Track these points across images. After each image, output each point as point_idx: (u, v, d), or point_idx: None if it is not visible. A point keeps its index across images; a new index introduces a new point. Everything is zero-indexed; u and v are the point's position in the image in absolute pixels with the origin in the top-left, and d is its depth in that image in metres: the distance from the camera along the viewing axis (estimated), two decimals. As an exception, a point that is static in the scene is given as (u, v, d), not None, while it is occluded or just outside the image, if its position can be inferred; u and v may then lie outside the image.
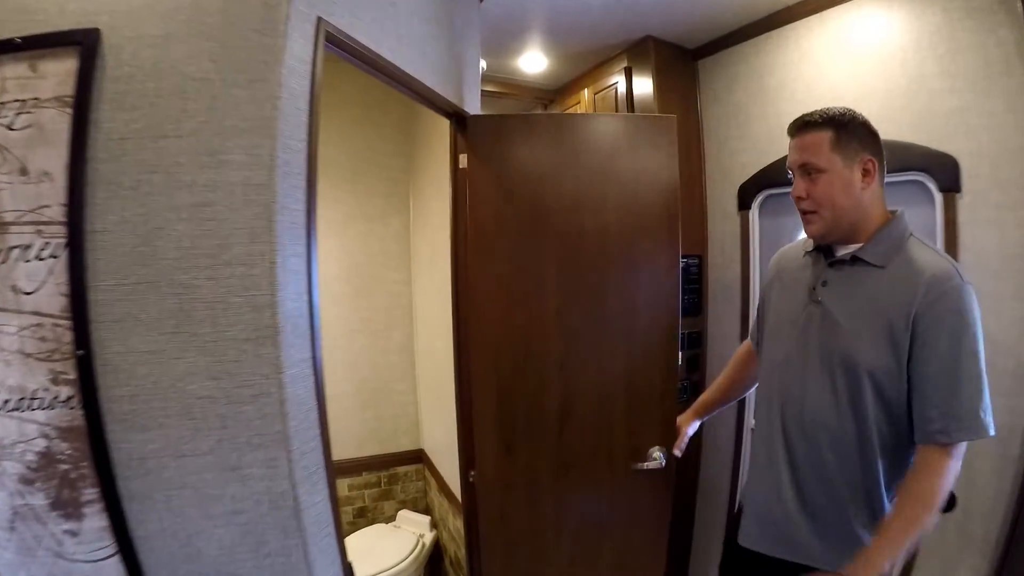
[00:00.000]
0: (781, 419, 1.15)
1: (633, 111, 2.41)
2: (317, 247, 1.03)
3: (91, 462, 0.97)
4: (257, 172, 0.88)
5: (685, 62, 2.41)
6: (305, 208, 0.96)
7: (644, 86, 2.34)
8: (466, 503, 1.84)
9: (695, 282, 2.41)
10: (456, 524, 2.17)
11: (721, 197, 2.33)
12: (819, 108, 1.07)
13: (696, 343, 2.41)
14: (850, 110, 1.06)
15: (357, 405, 2.73)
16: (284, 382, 0.91)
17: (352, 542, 2.69)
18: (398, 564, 2.46)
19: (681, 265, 2.35)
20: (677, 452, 1.63)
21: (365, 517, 2.92)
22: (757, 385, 1.31)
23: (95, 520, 1.00)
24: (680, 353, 2.33)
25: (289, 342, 0.92)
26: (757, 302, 1.44)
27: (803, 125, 1.07)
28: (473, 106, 1.88)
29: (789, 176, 1.12)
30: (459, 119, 1.75)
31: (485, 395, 1.76)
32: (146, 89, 0.91)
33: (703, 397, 1.63)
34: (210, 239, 0.89)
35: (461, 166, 1.76)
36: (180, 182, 0.89)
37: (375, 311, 2.66)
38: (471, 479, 1.77)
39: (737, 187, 2.22)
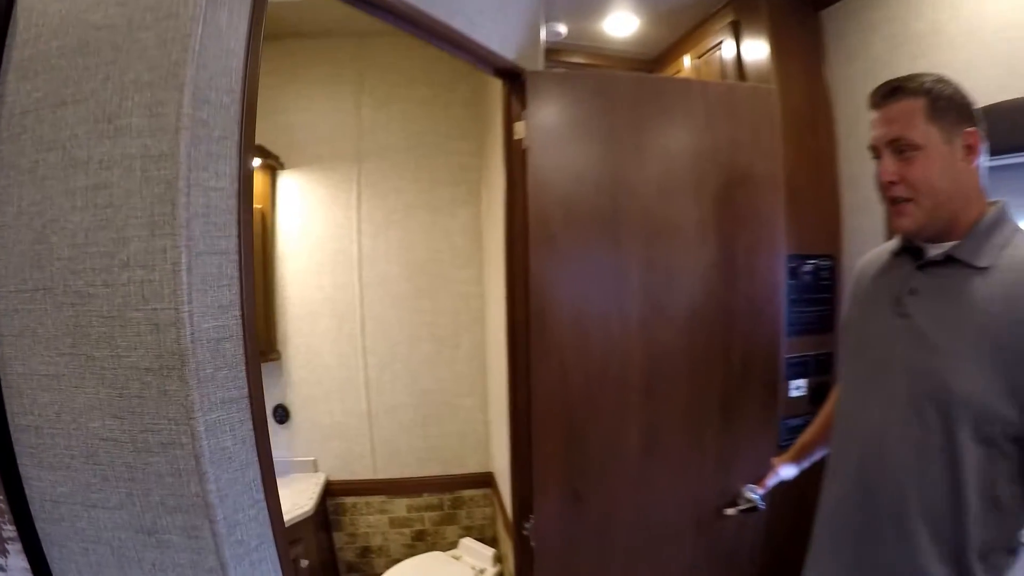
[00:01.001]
0: (856, 463, 0.98)
1: (743, 77, 1.99)
2: (247, 242, 0.79)
3: (5, 496, 0.85)
4: (158, 138, 0.67)
5: (806, 12, 1.95)
6: (236, 188, 0.74)
7: (756, 48, 1.92)
8: (519, 563, 1.57)
9: (826, 290, 1.95)
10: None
11: (859, 180, 1.86)
12: (908, 73, 0.92)
13: (825, 368, 1.95)
14: (943, 75, 0.91)
15: (419, 420, 2.56)
16: (198, 431, 0.69)
17: (404, 568, 2.55)
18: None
19: (808, 268, 1.93)
20: (758, 492, 1.49)
21: (424, 541, 2.76)
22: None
23: (19, 559, 0.88)
24: (804, 380, 1.92)
25: (206, 376, 0.70)
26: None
27: (890, 92, 0.91)
28: (533, 62, 1.59)
29: (873, 157, 0.95)
30: (513, 77, 1.47)
31: (548, 426, 1.47)
32: (50, 50, 0.73)
33: (802, 438, 1.37)
34: (106, 232, 0.69)
35: (517, 136, 1.48)
36: (76, 159, 0.70)
37: (440, 314, 2.47)
38: (524, 531, 1.50)
39: (882, 167, 1.75)
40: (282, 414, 2.60)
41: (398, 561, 2.81)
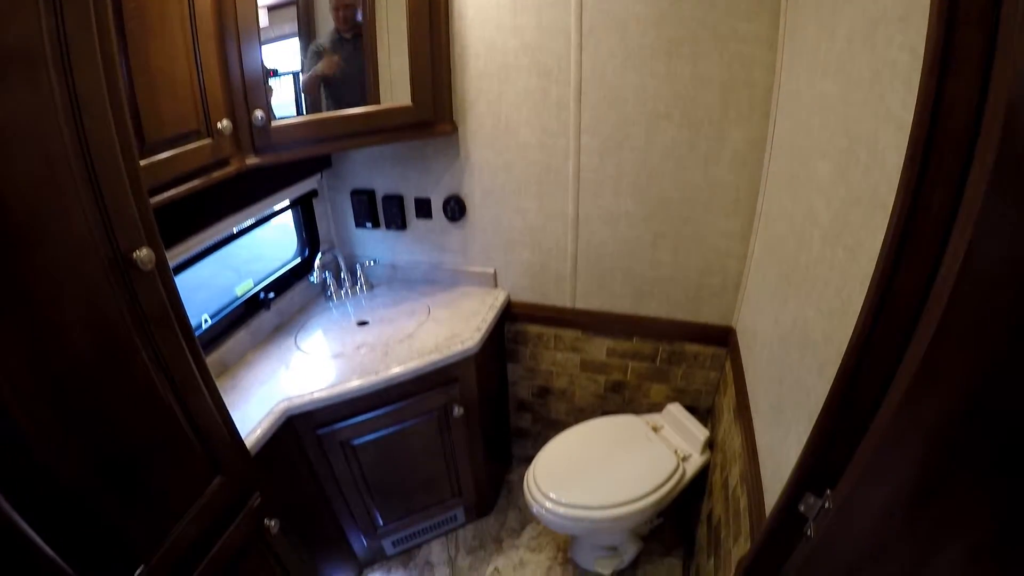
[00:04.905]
0: None
1: None
2: None
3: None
4: None
5: None
6: None
7: None
8: (763, 542, 1.15)
9: None
10: (742, 469, 1.52)
11: None
12: None
13: None
14: None
15: (646, 238, 2.10)
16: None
17: (584, 433, 2.27)
18: (626, 504, 1.96)
19: None
20: None
21: (620, 395, 2.49)
22: None
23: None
24: None
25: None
26: None
27: None
28: None
29: None
30: None
31: (937, 372, 0.82)
32: None
33: None
34: None
35: None
36: None
37: (703, 86, 1.85)
38: (801, 509, 1.02)
39: None
40: (455, 209, 2.27)
41: (581, 411, 2.63)
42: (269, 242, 2.48)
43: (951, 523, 0.75)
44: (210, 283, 2.07)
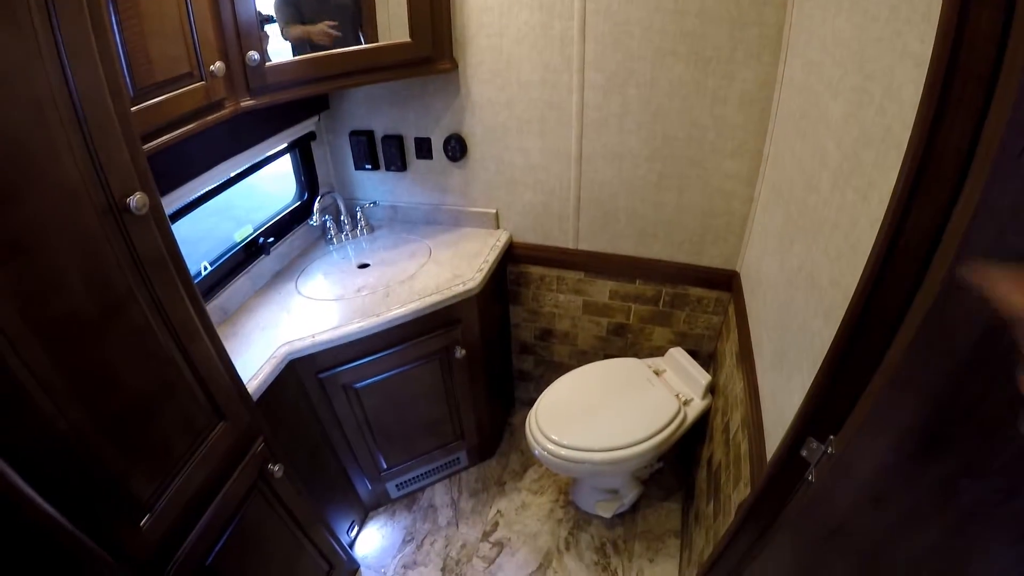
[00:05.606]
0: None
1: None
2: None
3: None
4: None
5: None
6: None
7: None
8: (763, 490, 1.17)
9: None
10: (744, 415, 1.54)
11: None
12: None
13: None
14: None
15: (651, 179, 2.07)
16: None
17: (586, 375, 2.31)
18: (627, 447, 2.00)
19: None
20: None
21: (623, 338, 2.52)
22: None
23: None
24: None
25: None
26: None
27: None
28: None
29: None
30: None
31: (948, 316, 0.82)
32: None
33: None
34: None
35: None
36: None
37: (708, 22, 1.78)
38: (803, 454, 1.04)
39: None
40: (456, 148, 2.23)
41: (583, 354, 2.65)
42: (271, 194, 2.45)
43: (954, 475, 0.76)
44: (212, 235, 2.05)
